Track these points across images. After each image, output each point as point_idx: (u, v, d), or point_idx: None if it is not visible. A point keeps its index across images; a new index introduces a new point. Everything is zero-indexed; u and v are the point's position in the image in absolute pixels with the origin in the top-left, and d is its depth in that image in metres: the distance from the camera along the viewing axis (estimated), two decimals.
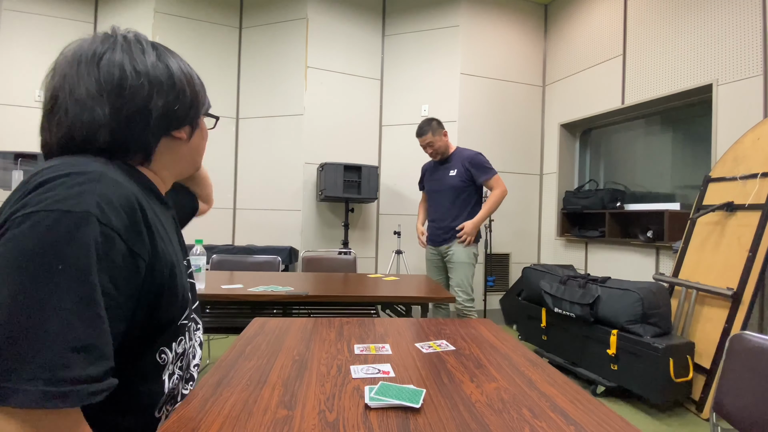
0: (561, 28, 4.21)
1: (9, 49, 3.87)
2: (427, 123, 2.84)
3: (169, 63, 0.69)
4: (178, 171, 0.77)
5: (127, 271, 0.55)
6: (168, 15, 3.95)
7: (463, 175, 2.80)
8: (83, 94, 0.60)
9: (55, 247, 0.49)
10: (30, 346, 0.45)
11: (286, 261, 3.53)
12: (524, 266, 3.36)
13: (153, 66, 0.65)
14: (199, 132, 0.77)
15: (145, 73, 0.64)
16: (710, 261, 2.46)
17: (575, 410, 0.73)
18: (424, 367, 0.93)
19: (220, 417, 0.68)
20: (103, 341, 0.50)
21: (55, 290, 0.48)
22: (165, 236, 0.66)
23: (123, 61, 0.63)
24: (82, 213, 0.51)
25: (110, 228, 0.53)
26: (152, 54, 0.67)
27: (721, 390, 1.00)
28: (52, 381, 0.45)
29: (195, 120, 0.74)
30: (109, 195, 0.55)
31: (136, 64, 0.64)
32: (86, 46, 0.64)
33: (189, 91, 0.71)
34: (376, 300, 2.04)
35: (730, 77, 2.67)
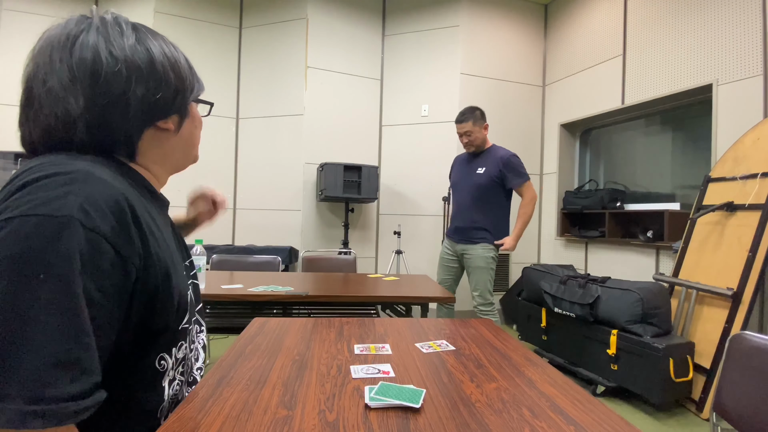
0: (561, 28, 4.21)
1: (9, 49, 3.87)
2: (470, 111, 2.68)
3: (150, 46, 0.62)
4: (171, 165, 0.71)
5: (117, 276, 0.52)
6: (168, 15, 3.95)
7: (492, 174, 2.64)
8: (56, 84, 0.56)
9: (36, 255, 0.45)
10: (8, 362, 0.42)
11: (286, 261, 3.53)
12: (524, 266, 3.36)
13: (131, 49, 0.59)
14: (190, 121, 0.71)
15: (122, 58, 0.58)
16: (710, 261, 2.46)
17: (575, 410, 0.73)
18: (424, 367, 0.93)
19: (220, 417, 0.68)
20: (88, 355, 0.47)
21: (35, 301, 0.44)
22: (160, 237, 0.62)
23: (98, 45, 0.57)
24: (64, 217, 0.47)
25: (96, 232, 0.49)
26: (131, 36, 0.61)
27: (721, 390, 1.00)
28: (32, 399, 0.42)
29: (183, 108, 0.68)
30: (95, 196, 0.51)
31: (113, 48, 0.58)
32: (59, 31, 0.59)
33: (173, 77, 0.64)
34: (376, 300, 2.04)
35: (730, 77, 2.67)
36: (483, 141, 2.73)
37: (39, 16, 3.95)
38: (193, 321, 0.73)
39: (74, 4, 4.05)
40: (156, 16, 3.89)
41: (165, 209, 0.74)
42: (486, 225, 2.66)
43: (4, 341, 0.43)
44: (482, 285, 2.65)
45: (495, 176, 2.65)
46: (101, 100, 0.57)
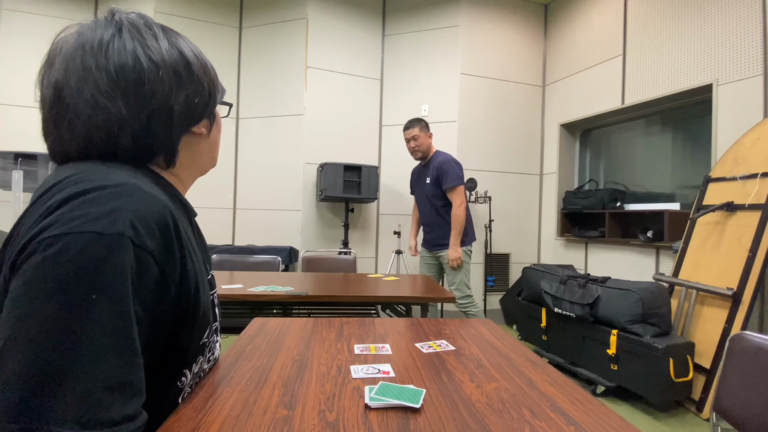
0: (561, 28, 4.21)
1: (9, 49, 3.87)
2: (416, 120, 2.90)
3: (182, 49, 0.61)
4: (197, 169, 0.70)
5: (158, 294, 0.52)
6: (168, 15, 3.95)
7: (434, 181, 2.80)
8: (93, 92, 0.53)
9: (89, 275, 0.44)
10: (62, 385, 0.41)
11: (286, 261, 3.53)
12: (524, 266, 3.37)
13: (168, 53, 0.58)
14: (216, 124, 0.70)
15: (162, 64, 0.57)
16: (710, 261, 2.46)
17: (575, 410, 0.73)
18: (424, 367, 0.93)
19: (220, 417, 0.68)
20: (138, 376, 0.47)
21: (88, 323, 0.43)
22: (193, 252, 0.61)
23: (136, 51, 0.55)
24: (116, 235, 0.46)
25: (144, 250, 0.49)
26: (164, 39, 0.59)
27: (721, 390, 1.00)
28: (87, 424, 0.42)
29: (212, 112, 0.67)
30: (143, 212, 0.50)
31: (151, 54, 0.56)
32: (89, 33, 0.56)
33: (206, 81, 0.64)
34: (376, 300, 2.04)
35: (730, 77, 2.67)
36: (428, 147, 2.90)
37: (39, 16, 3.95)
38: (213, 332, 0.72)
39: (74, 4, 4.05)
40: (156, 16, 3.88)
41: (192, 218, 0.71)
42: (449, 230, 2.78)
43: (58, 364, 0.42)
44: (458, 279, 2.80)
45: (436, 182, 2.79)
46: (146, 108, 0.55)
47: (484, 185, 4.06)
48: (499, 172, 4.21)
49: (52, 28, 3.97)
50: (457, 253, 2.70)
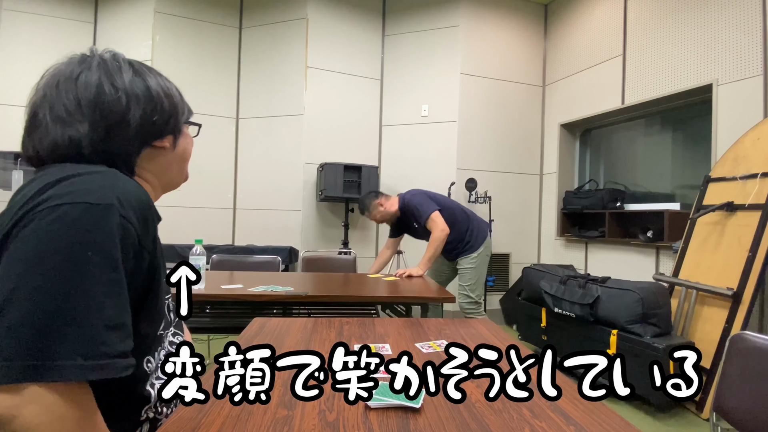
0: (561, 28, 4.21)
1: (9, 49, 3.87)
2: (364, 205, 2.72)
3: (146, 78, 0.70)
4: (166, 181, 0.78)
5: (135, 263, 0.59)
6: (168, 15, 3.95)
7: (412, 215, 2.63)
8: (62, 111, 0.63)
9: (85, 236, 0.53)
10: (68, 327, 0.49)
11: (286, 261, 3.53)
12: (524, 266, 3.36)
13: (130, 82, 0.68)
14: (183, 140, 0.79)
15: (122, 87, 0.66)
16: (710, 261, 2.46)
17: (575, 410, 0.73)
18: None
19: (220, 417, 0.68)
20: (130, 321, 0.56)
21: (87, 275, 0.52)
22: (160, 243, 0.69)
23: (100, 78, 0.65)
24: (107, 205, 0.55)
25: (128, 221, 0.57)
26: (129, 71, 0.69)
27: (721, 390, 1.00)
28: (91, 356, 0.50)
29: (177, 129, 0.76)
30: (125, 191, 0.59)
31: (114, 80, 0.66)
32: (64, 68, 0.67)
33: (167, 102, 0.72)
34: (376, 300, 2.04)
35: (730, 77, 2.67)
36: (393, 209, 2.69)
37: (39, 16, 3.95)
38: (171, 333, 0.78)
39: (74, 4, 4.05)
40: (156, 16, 3.89)
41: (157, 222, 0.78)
42: (458, 243, 2.67)
43: (63, 309, 0.50)
44: (467, 282, 2.71)
45: (414, 222, 2.64)
46: (104, 122, 0.64)
47: (484, 185, 4.06)
48: (499, 172, 4.21)
49: (52, 28, 3.98)
50: (419, 271, 2.53)
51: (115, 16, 4.05)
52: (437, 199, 2.67)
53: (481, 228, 2.76)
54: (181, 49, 4.01)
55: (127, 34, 3.97)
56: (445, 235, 2.55)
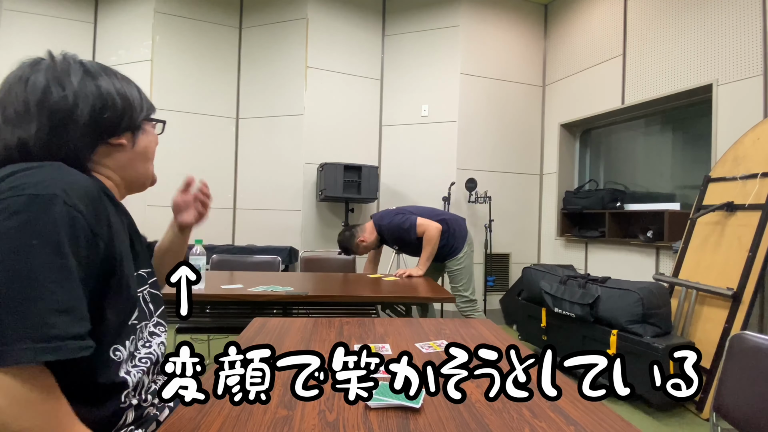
0: (561, 28, 4.21)
1: (9, 49, 3.87)
2: (344, 247, 2.70)
3: (98, 78, 0.71)
4: (129, 178, 0.78)
5: (89, 250, 0.60)
6: (168, 15, 3.95)
7: (409, 240, 2.62)
8: (12, 113, 0.65)
9: (28, 225, 0.54)
10: (16, 312, 0.52)
11: (286, 261, 3.53)
12: (524, 266, 3.36)
13: (78, 82, 0.69)
14: (145, 137, 0.79)
15: (70, 88, 0.67)
16: (710, 261, 2.46)
17: (575, 410, 0.73)
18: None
19: (220, 417, 0.68)
20: (82, 305, 0.57)
21: (33, 262, 0.53)
22: (117, 229, 0.69)
23: (47, 80, 0.67)
24: (49, 195, 0.57)
25: (75, 209, 0.58)
26: (79, 72, 0.70)
27: (721, 390, 1.00)
28: (41, 338, 0.52)
29: (133, 126, 0.76)
30: (73, 182, 0.61)
31: (62, 81, 0.67)
32: (16, 72, 0.70)
33: (119, 100, 0.73)
34: (376, 300, 2.04)
35: (730, 77, 2.67)
36: (373, 237, 2.69)
37: (39, 16, 3.95)
38: (153, 324, 0.80)
39: (74, 4, 4.05)
40: (156, 16, 3.89)
41: (121, 215, 0.77)
42: (441, 248, 2.63)
43: (12, 298, 0.52)
44: (460, 283, 2.72)
45: (405, 239, 2.63)
46: (50, 122, 0.66)
47: (484, 185, 4.06)
48: (499, 172, 4.21)
49: (52, 28, 3.97)
50: (420, 272, 2.53)
51: (115, 16, 4.05)
52: (408, 210, 2.66)
53: (459, 226, 2.73)
54: (181, 49, 4.01)
55: (127, 34, 3.97)
56: (438, 231, 2.56)
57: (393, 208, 2.72)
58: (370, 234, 2.68)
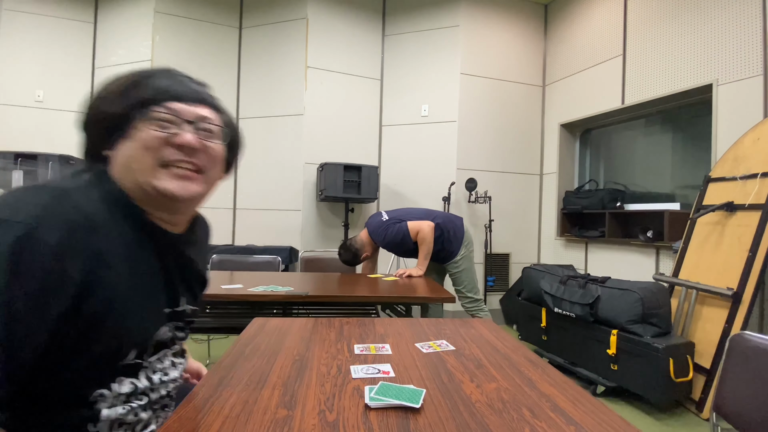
0: (561, 28, 4.21)
1: (9, 49, 3.87)
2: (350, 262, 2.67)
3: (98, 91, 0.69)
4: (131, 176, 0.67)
5: (49, 291, 0.53)
6: (168, 15, 3.95)
7: (407, 246, 2.61)
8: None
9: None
10: None
11: (286, 261, 3.53)
12: (524, 266, 3.36)
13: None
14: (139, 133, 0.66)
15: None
16: (710, 261, 2.46)
17: (575, 410, 0.73)
18: (424, 367, 0.93)
19: (220, 417, 0.68)
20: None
21: None
22: (123, 265, 0.62)
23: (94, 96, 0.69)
24: (10, 223, 0.51)
25: (39, 240, 0.52)
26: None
27: (721, 390, 1.00)
28: None
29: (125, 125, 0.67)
30: (56, 210, 0.55)
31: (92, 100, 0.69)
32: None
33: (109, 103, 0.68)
34: (376, 300, 2.04)
35: (730, 77, 2.67)
36: (372, 249, 2.69)
37: (39, 16, 3.95)
38: (168, 357, 0.75)
39: (74, 5, 4.05)
40: (156, 16, 3.89)
41: (164, 246, 0.71)
42: (438, 251, 2.63)
43: None
44: (464, 284, 2.70)
45: (403, 248, 2.62)
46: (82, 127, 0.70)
47: (484, 185, 4.06)
48: (499, 172, 4.21)
49: (52, 28, 3.97)
50: (420, 272, 2.52)
51: (115, 16, 4.05)
52: (399, 216, 2.64)
53: (455, 228, 2.69)
54: (181, 49, 4.01)
55: (127, 34, 3.97)
56: (430, 228, 2.54)
57: (384, 217, 2.65)
58: (369, 245, 2.68)
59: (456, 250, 2.67)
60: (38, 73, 3.91)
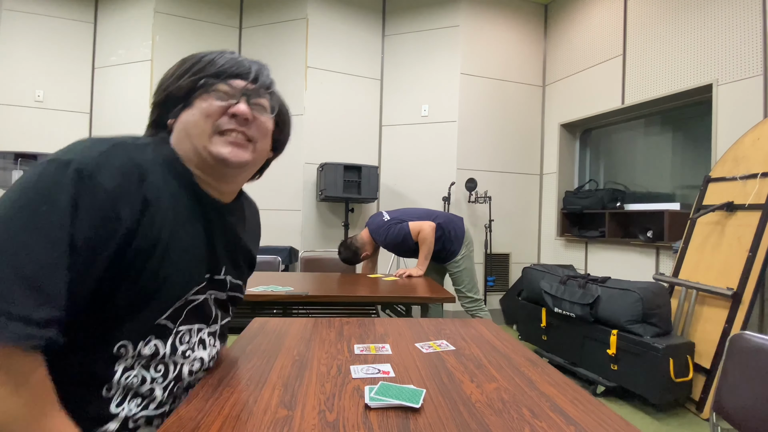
0: (561, 28, 4.21)
1: (9, 49, 3.87)
2: (350, 261, 2.68)
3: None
4: (188, 142, 0.74)
5: (105, 231, 0.58)
6: (168, 15, 3.95)
7: (407, 246, 2.61)
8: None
9: (33, 183, 0.54)
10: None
11: (286, 261, 3.53)
12: (524, 266, 3.36)
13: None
14: (199, 101, 0.73)
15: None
16: (710, 261, 2.46)
17: (575, 410, 0.73)
18: (424, 367, 0.93)
19: (220, 417, 0.68)
20: (55, 289, 0.52)
21: (28, 226, 0.51)
22: (169, 216, 0.67)
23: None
24: (66, 161, 0.56)
25: (98, 183, 0.57)
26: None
27: (721, 390, 1.00)
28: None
29: (188, 95, 0.74)
30: (113, 157, 0.61)
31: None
32: None
33: (176, 77, 0.76)
34: (376, 300, 2.04)
35: (730, 77, 2.67)
36: (373, 248, 2.70)
37: (39, 16, 3.95)
38: (197, 330, 0.77)
39: (74, 5, 4.05)
40: (156, 16, 3.89)
41: (210, 211, 0.76)
42: (438, 251, 2.64)
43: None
44: (464, 284, 2.71)
45: (404, 249, 2.62)
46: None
47: (484, 185, 4.06)
48: (499, 172, 4.21)
49: (52, 28, 3.97)
50: (420, 272, 2.52)
51: (115, 16, 4.05)
52: (400, 217, 2.64)
53: (455, 228, 2.69)
54: (181, 49, 4.00)
55: (127, 34, 3.97)
56: (431, 228, 2.54)
57: (385, 217, 2.65)
58: (369, 245, 2.69)
59: (457, 249, 2.67)
60: (38, 73, 3.91)
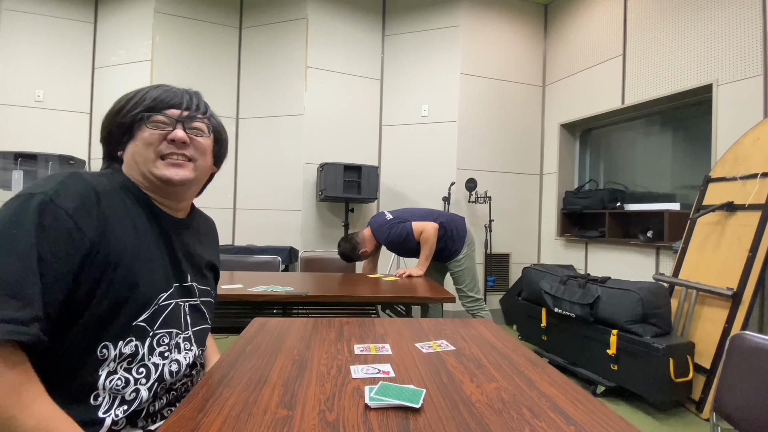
0: (561, 28, 4.21)
1: (9, 49, 3.87)
2: (349, 258, 2.67)
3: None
4: (137, 169, 0.82)
5: (70, 244, 0.66)
6: (168, 15, 3.95)
7: (407, 246, 2.60)
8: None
9: (12, 218, 0.64)
10: None
11: (286, 261, 3.53)
12: (524, 266, 3.36)
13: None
14: (140, 133, 0.82)
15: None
16: (710, 261, 2.46)
17: (575, 410, 0.73)
18: (424, 367, 0.93)
19: (220, 417, 0.68)
20: (32, 294, 0.61)
21: (2, 247, 0.61)
22: (130, 232, 0.75)
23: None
24: (41, 194, 0.65)
25: (59, 207, 0.66)
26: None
27: (721, 390, 1.00)
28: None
29: (128, 129, 0.82)
30: (71, 184, 0.69)
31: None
32: None
33: (116, 115, 0.83)
34: (376, 300, 2.04)
35: (730, 77, 2.67)
36: (374, 246, 2.70)
37: (39, 16, 3.95)
38: (183, 338, 0.84)
39: (74, 5, 4.05)
40: (156, 16, 3.89)
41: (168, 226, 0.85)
42: (440, 251, 2.63)
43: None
44: (466, 283, 2.71)
45: (406, 248, 2.62)
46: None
47: (484, 185, 4.06)
48: (499, 172, 4.21)
49: (52, 28, 3.97)
50: (420, 272, 2.52)
51: (115, 16, 4.05)
52: (403, 216, 2.64)
53: (457, 227, 2.69)
54: (181, 49, 4.01)
55: (127, 34, 3.97)
56: (435, 229, 2.54)
57: (388, 216, 2.65)
58: (369, 242, 2.68)
59: (459, 248, 2.67)
60: (38, 73, 3.91)
